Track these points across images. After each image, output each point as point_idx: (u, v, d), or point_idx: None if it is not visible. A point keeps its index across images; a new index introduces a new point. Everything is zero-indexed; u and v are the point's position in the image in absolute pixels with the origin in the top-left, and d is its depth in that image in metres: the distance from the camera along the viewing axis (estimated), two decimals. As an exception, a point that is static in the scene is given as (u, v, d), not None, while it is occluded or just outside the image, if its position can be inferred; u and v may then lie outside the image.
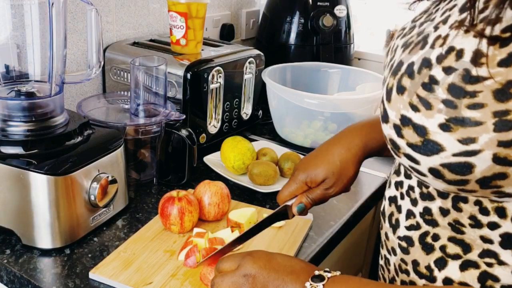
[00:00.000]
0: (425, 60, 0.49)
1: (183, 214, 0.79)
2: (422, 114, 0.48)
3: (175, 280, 0.69)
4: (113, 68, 1.11)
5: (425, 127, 0.48)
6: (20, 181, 0.72)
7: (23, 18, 0.79)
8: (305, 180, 0.71)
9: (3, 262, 0.72)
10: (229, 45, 1.20)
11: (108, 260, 0.73)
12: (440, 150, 0.47)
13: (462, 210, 0.52)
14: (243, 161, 1.01)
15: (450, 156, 0.47)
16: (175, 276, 0.70)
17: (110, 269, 0.71)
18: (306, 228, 0.85)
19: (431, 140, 0.47)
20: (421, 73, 0.49)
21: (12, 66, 0.82)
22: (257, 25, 1.62)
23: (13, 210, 0.74)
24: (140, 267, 0.71)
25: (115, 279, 0.69)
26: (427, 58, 0.49)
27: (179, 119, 0.94)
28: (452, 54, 0.47)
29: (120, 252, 0.75)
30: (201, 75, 1.02)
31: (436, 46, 0.49)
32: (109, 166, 0.81)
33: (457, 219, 0.53)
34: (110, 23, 1.14)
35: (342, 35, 1.46)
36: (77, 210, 0.76)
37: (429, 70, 0.48)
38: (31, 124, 0.77)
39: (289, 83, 1.32)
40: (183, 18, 1.05)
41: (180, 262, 0.73)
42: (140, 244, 0.77)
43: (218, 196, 0.84)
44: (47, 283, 0.69)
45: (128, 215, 0.87)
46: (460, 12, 0.49)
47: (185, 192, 0.82)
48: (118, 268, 0.71)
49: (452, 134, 0.46)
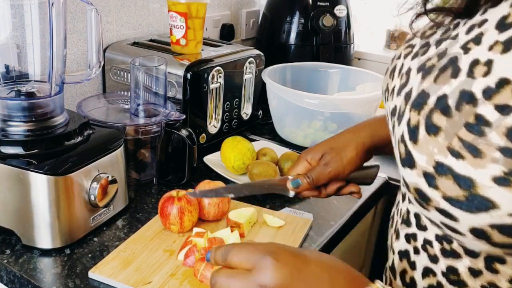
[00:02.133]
0: (464, 94, 0.40)
1: (182, 213, 0.79)
2: (467, 163, 0.39)
3: (174, 279, 0.69)
4: (113, 68, 1.11)
5: (471, 179, 0.39)
6: (20, 181, 0.72)
7: (23, 18, 0.79)
8: (306, 157, 0.70)
9: (3, 262, 0.72)
10: (229, 45, 1.20)
11: (108, 259, 0.73)
12: (491, 207, 0.38)
13: (498, 272, 0.44)
14: (243, 161, 1.01)
15: (505, 216, 0.38)
16: (174, 276, 0.70)
17: (110, 269, 0.71)
18: (306, 228, 0.85)
19: (480, 196, 0.39)
20: (462, 110, 0.40)
21: (12, 66, 0.82)
22: (257, 25, 1.62)
23: (13, 210, 0.74)
24: (140, 267, 0.71)
25: (115, 278, 0.69)
26: (468, 91, 0.40)
27: (179, 119, 0.94)
28: (507, 89, 0.37)
29: (120, 252, 0.75)
30: (201, 75, 1.02)
31: (477, 75, 0.39)
32: (109, 166, 0.81)
33: (493, 282, 0.44)
34: (110, 23, 1.14)
35: (342, 35, 1.46)
36: (77, 210, 0.76)
37: (473, 107, 0.39)
38: (31, 124, 0.77)
39: (289, 83, 1.32)
40: (183, 18, 1.05)
41: (179, 261, 0.73)
42: (139, 244, 0.77)
43: None
44: (47, 283, 0.69)
45: (128, 215, 0.87)
46: (499, 29, 0.40)
47: (184, 192, 0.82)
48: (118, 268, 0.71)
49: (510, 190, 0.37)
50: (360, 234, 1.14)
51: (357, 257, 1.20)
